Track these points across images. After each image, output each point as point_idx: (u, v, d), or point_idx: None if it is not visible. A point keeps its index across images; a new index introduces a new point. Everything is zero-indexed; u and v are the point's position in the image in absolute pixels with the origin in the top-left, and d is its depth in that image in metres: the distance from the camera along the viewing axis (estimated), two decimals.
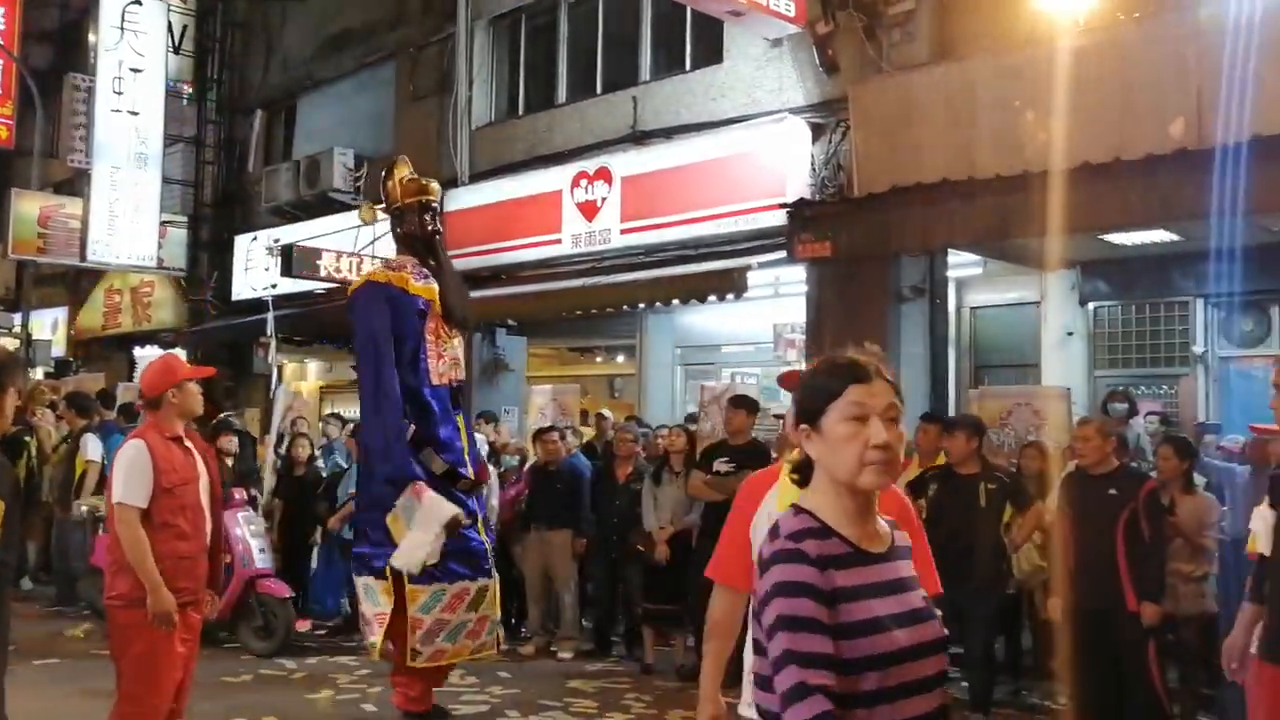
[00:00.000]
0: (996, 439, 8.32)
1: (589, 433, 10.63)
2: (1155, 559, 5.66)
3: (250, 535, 8.27)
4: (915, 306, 9.73)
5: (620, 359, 14.38)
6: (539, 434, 9.01)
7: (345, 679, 7.38)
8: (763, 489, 3.08)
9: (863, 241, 8.88)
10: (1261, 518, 3.71)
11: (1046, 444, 7.59)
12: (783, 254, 9.45)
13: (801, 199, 9.49)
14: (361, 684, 7.23)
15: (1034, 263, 9.98)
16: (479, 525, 6.14)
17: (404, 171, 6.19)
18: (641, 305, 10.83)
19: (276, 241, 14.50)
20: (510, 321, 12.97)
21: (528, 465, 9.35)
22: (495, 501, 8.51)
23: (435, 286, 5.91)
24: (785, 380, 3.34)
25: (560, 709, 6.72)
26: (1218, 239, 8.55)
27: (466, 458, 6.00)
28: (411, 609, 5.68)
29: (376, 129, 14.83)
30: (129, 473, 4.36)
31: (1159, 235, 8.89)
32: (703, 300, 10.09)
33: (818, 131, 9.93)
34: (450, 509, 5.67)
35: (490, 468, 8.84)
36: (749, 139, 10.22)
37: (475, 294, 12.51)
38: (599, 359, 14.88)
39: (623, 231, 11.14)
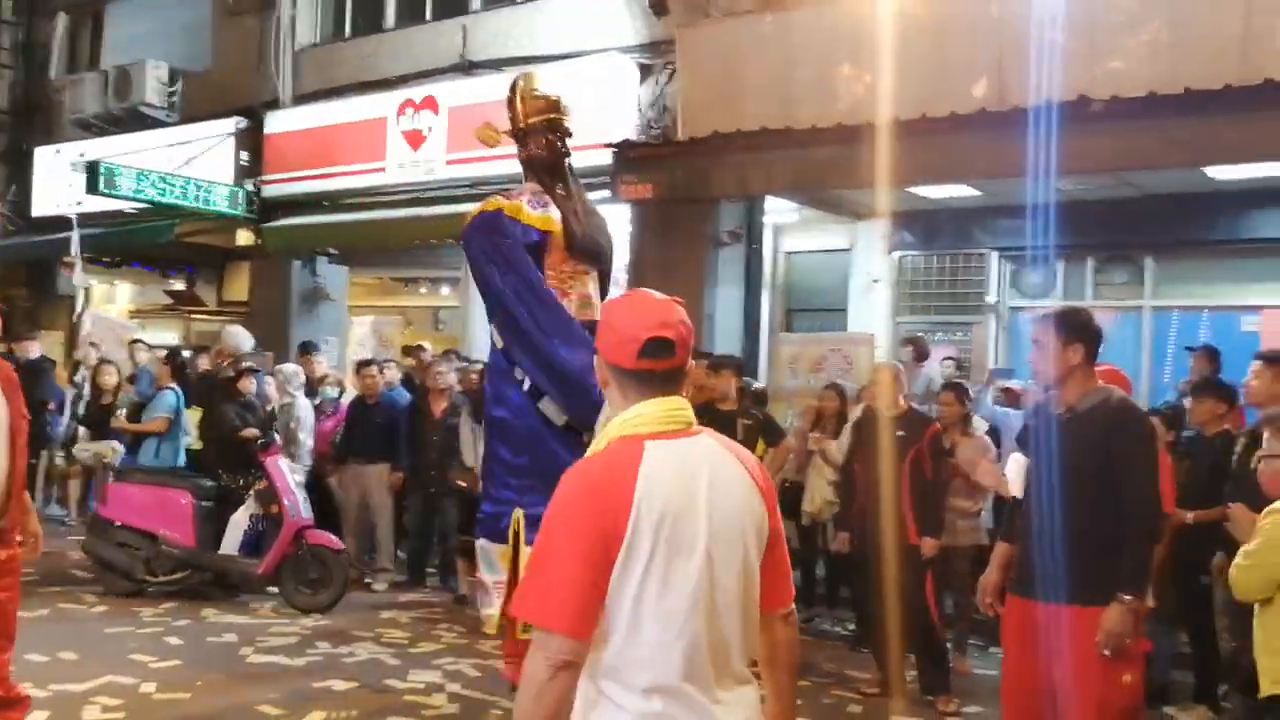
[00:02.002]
0: (810, 383, 8.75)
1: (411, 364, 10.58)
2: (935, 497, 6.12)
3: (295, 485, 7.67)
4: (733, 250, 10.03)
5: (445, 291, 14.27)
6: (358, 368, 8.95)
7: (150, 612, 7.25)
8: None
9: (684, 185, 9.08)
10: (1014, 462, 4.05)
11: (846, 386, 8.00)
12: (607, 193, 9.54)
13: (626, 139, 9.59)
14: (166, 617, 7.14)
15: (846, 211, 10.43)
16: None
17: (530, 87, 5.28)
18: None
19: (82, 156, 13.69)
20: (331, 250, 12.69)
21: (345, 397, 9.28)
22: (304, 435, 8.45)
23: (555, 215, 4.97)
24: None
25: (372, 639, 6.79)
26: (1013, 196, 9.13)
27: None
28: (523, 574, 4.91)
29: (192, 42, 14.11)
30: None
31: (961, 190, 9.40)
32: None
33: (645, 72, 10.03)
34: None
35: (305, 399, 8.77)
36: (577, 75, 10.17)
37: (293, 220, 12.32)
38: (423, 290, 14.72)
39: (448, 163, 11.03)
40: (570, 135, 5.15)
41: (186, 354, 10.91)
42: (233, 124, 12.91)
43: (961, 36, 8.15)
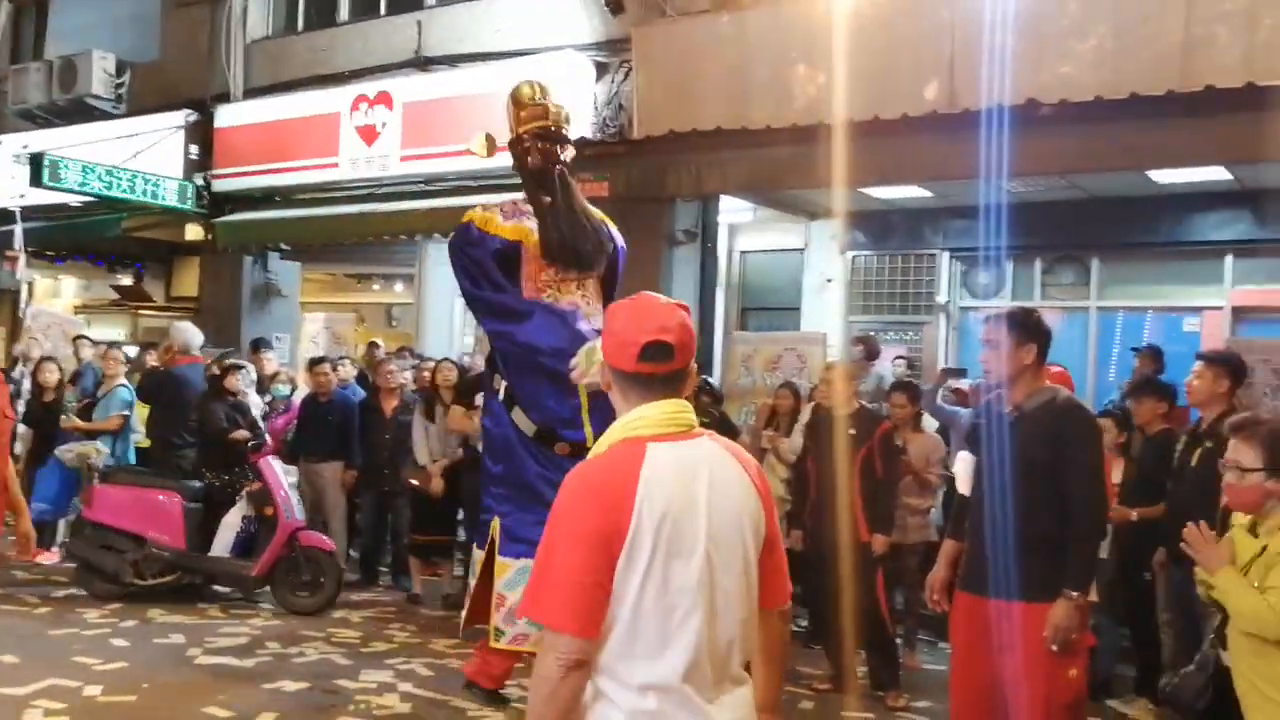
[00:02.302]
0: (764, 382, 8.82)
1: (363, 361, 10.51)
2: (886, 495, 6.19)
3: (288, 486, 7.57)
4: (688, 249, 10.07)
5: (399, 287, 14.19)
6: (311, 365, 8.87)
7: (95, 614, 7.14)
8: None
9: (640, 184, 9.09)
10: (962, 461, 4.11)
11: (800, 385, 8.06)
12: None
13: (582, 137, 9.55)
14: (112, 618, 7.03)
15: (800, 211, 10.51)
16: None
17: (525, 95, 5.09)
18: (419, 236, 10.73)
19: (25, 148, 13.42)
20: (284, 245, 12.56)
21: (296, 395, 9.20)
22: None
23: (529, 225, 4.86)
24: None
25: (323, 639, 6.73)
26: (963, 197, 9.26)
27: (585, 417, 4.82)
28: (497, 583, 4.83)
29: (140, 33, 13.88)
30: None
31: (913, 191, 9.51)
32: None
33: (601, 70, 10.03)
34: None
35: (256, 396, 8.69)
36: (533, 72, 10.16)
37: (245, 216, 12.18)
38: (376, 287, 14.63)
39: (403, 159, 10.97)
40: (567, 143, 5.02)
41: (133, 350, 10.77)
42: (182, 117, 12.73)
43: (913, 39, 8.23)
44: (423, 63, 11.15)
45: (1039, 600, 3.73)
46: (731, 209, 10.49)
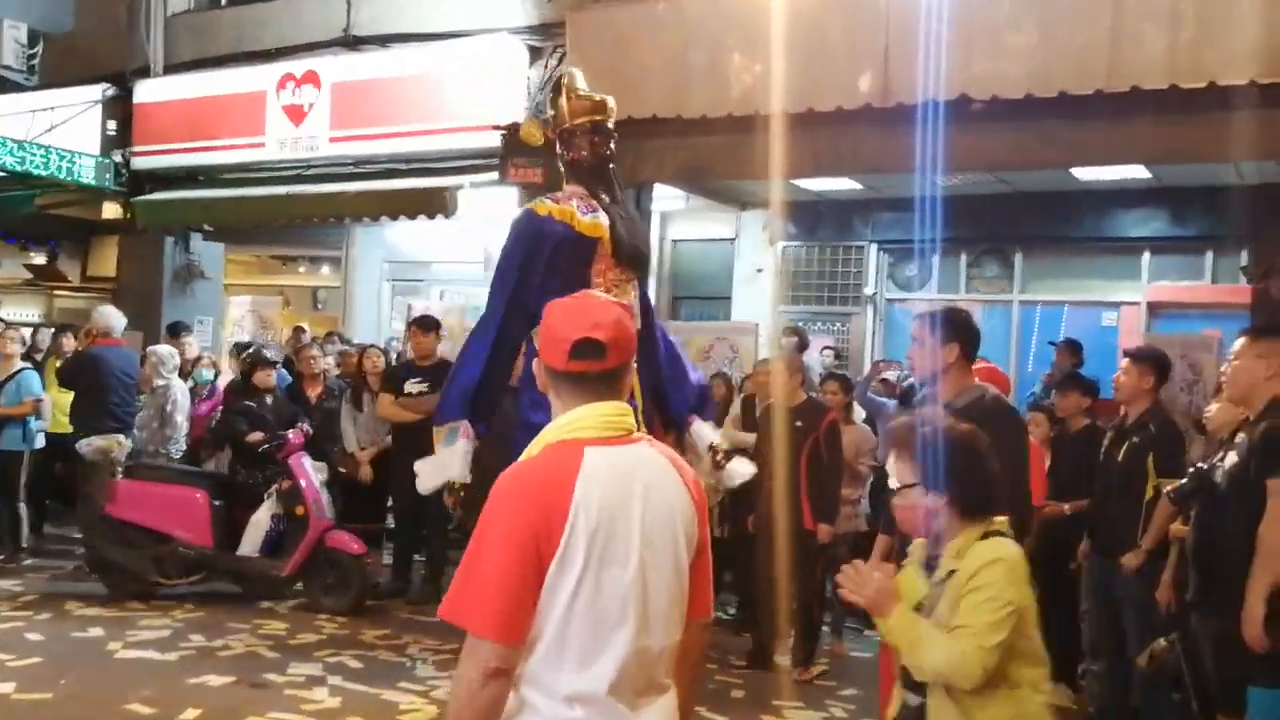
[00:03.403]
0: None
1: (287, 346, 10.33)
2: (832, 484, 6.29)
3: (320, 485, 7.27)
4: None
5: (325, 270, 13.96)
6: (236, 351, 8.69)
7: (8, 607, 6.94)
8: None
9: None
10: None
11: (731, 375, 8.10)
12: (495, 175, 9.46)
13: (515, 123, 9.47)
14: (27, 611, 6.85)
15: (732, 201, 10.54)
16: None
17: (576, 86, 5.06)
18: (348, 219, 10.56)
19: None
20: (206, 226, 12.25)
21: (219, 380, 9.01)
22: (180, 418, 8.19)
23: (604, 223, 4.81)
24: None
25: (248, 631, 6.60)
26: (893, 190, 9.37)
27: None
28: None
29: (54, 2, 13.39)
30: None
31: (843, 183, 9.59)
32: (411, 218, 9.96)
33: (535, 55, 9.93)
34: (455, 472, 4.83)
35: (180, 382, 8.48)
36: (466, 55, 10.07)
37: (166, 195, 11.86)
38: (302, 269, 14.37)
39: (331, 140, 10.75)
40: (614, 137, 4.98)
41: (49, 332, 10.43)
42: (99, 91, 12.30)
43: (849, 31, 8.26)
44: (352, 42, 10.93)
45: None
46: (663, 197, 10.49)
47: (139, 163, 12.16)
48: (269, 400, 7.69)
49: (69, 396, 8.34)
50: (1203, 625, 4.03)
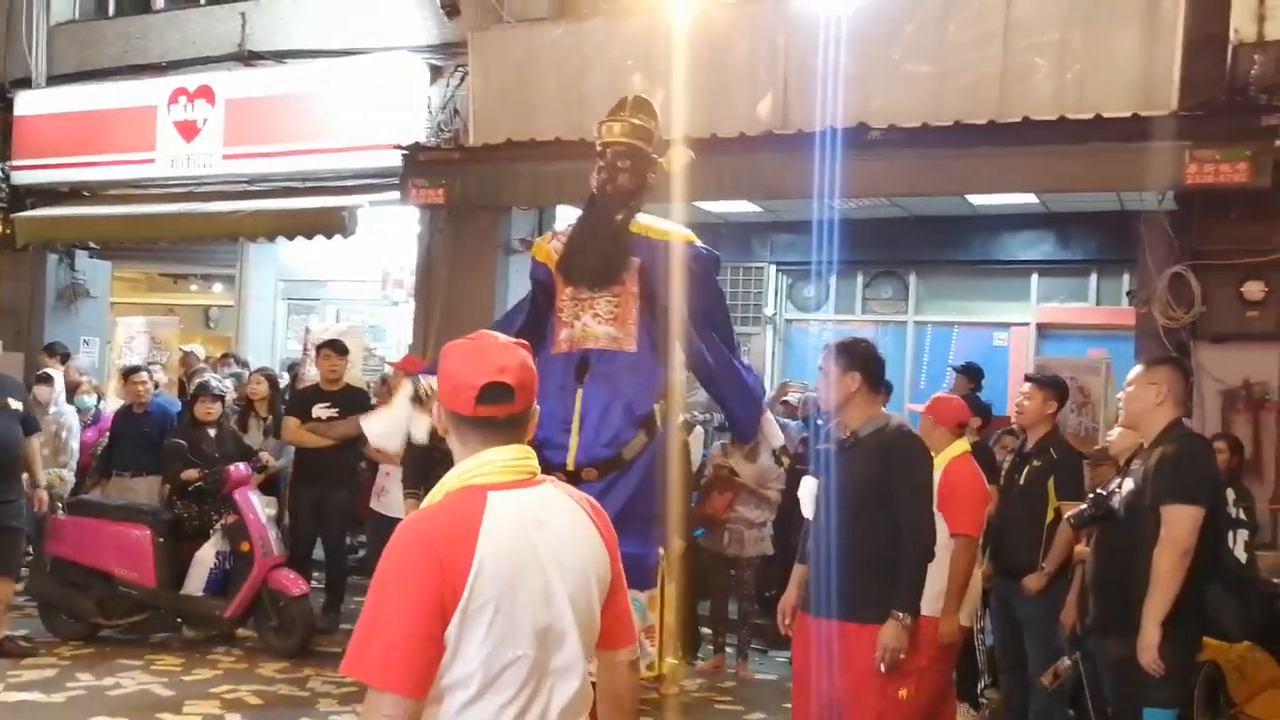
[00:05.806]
0: None
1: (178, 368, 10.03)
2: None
3: (267, 520, 6.92)
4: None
5: (217, 288, 13.60)
6: (126, 375, 8.38)
7: None
8: None
9: (476, 191, 8.97)
10: (807, 484, 4.23)
11: None
12: (396, 195, 9.34)
13: (417, 142, 9.39)
14: None
15: None
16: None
17: (615, 107, 4.87)
18: (243, 238, 10.31)
19: None
20: (92, 244, 11.83)
21: (104, 405, 8.71)
22: (75, 445, 7.91)
23: (557, 246, 4.64)
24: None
25: (140, 668, 6.38)
26: (792, 213, 9.52)
27: (572, 438, 4.41)
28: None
29: None
30: None
31: (743, 205, 9.71)
32: (309, 238, 9.76)
33: (436, 74, 9.84)
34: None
35: (69, 407, 8.17)
36: (365, 72, 9.93)
37: (49, 211, 11.43)
38: (194, 287, 13.97)
39: (225, 157, 10.50)
40: (624, 159, 4.71)
41: None
42: None
43: (749, 59, 8.40)
44: (247, 57, 10.69)
45: (869, 621, 3.89)
46: (568, 217, 10.45)
47: (19, 176, 11.69)
48: (211, 434, 7.32)
49: None
50: (1101, 648, 4.16)
